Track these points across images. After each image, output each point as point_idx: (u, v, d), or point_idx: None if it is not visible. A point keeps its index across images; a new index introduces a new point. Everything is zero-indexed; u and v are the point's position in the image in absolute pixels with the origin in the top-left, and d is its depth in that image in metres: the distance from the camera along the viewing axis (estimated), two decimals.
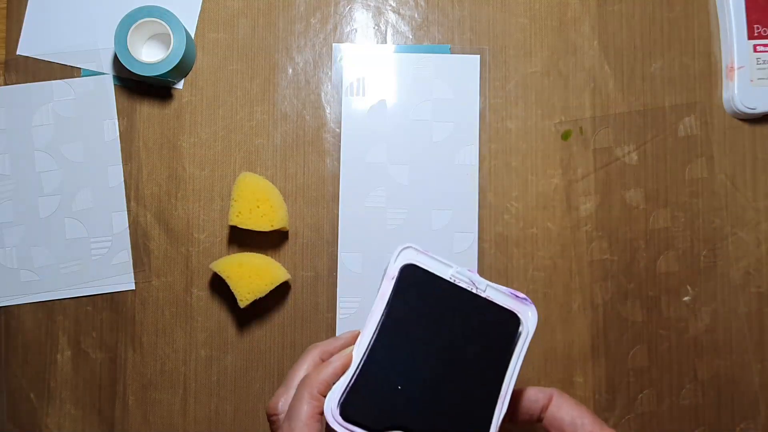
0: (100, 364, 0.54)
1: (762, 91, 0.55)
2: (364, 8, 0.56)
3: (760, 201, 0.56)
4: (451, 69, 0.56)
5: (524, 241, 0.55)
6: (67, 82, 0.55)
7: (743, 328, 0.55)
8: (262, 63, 0.56)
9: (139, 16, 0.52)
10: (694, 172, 0.56)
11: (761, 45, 0.55)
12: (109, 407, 0.54)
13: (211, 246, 0.55)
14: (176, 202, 0.55)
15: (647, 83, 0.56)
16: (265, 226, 0.51)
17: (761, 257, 0.55)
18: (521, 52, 0.56)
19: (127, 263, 0.55)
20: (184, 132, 0.55)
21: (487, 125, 0.55)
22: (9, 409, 0.54)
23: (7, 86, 0.55)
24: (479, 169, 0.55)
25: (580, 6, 0.56)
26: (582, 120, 0.56)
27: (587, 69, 0.56)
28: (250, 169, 0.55)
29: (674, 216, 0.55)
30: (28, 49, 0.56)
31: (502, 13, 0.56)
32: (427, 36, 0.56)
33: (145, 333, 0.54)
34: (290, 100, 0.56)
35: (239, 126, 0.55)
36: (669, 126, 0.56)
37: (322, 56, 0.56)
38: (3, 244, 0.55)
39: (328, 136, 0.55)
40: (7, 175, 0.55)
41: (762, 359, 0.55)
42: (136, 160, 0.55)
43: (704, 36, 0.56)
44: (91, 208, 0.55)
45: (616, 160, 0.56)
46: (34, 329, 0.55)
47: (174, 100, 0.56)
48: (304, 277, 0.55)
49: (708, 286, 0.55)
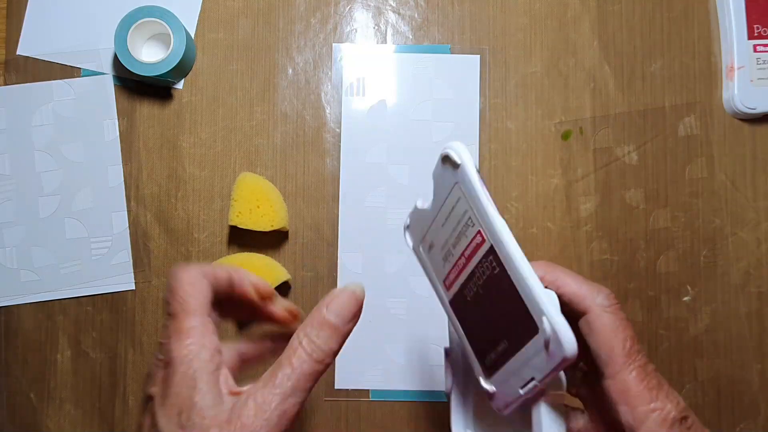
0: (100, 364, 0.54)
1: (762, 91, 0.55)
2: (364, 8, 0.56)
3: (760, 201, 0.56)
4: (451, 69, 0.56)
5: (524, 241, 0.55)
6: (67, 82, 0.55)
7: (743, 328, 0.55)
8: (262, 63, 0.56)
9: (139, 16, 0.52)
10: (694, 172, 0.56)
11: (761, 45, 0.55)
12: (109, 407, 0.54)
13: (211, 246, 0.55)
14: (176, 202, 0.55)
15: (647, 83, 0.56)
16: (265, 226, 0.51)
17: (761, 257, 0.55)
18: (521, 52, 0.56)
19: (127, 263, 0.55)
20: (184, 132, 0.55)
21: (487, 125, 0.55)
22: (9, 409, 0.54)
23: (7, 86, 0.55)
24: (479, 169, 0.55)
25: (580, 6, 0.56)
26: (582, 120, 0.56)
27: (587, 69, 0.56)
28: (250, 169, 0.55)
29: (674, 216, 0.55)
30: (28, 49, 0.56)
31: (502, 13, 0.56)
32: (427, 36, 0.56)
33: (145, 333, 0.54)
34: (290, 100, 0.56)
35: (239, 126, 0.55)
36: (669, 126, 0.56)
37: (322, 56, 0.56)
38: (3, 244, 0.55)
39: (328, 136, 0.55)
40: (7, 175, 0.55)
41: (762, 359, 0.55)
42: (136, 160, 0.55)
43: (704, 36, 0.56)
44: (91, 208, 0.55)
45: (616, 160, 0.55)
46: (34, 329, 0.55)
47: (174, 100, 0.56)
48: (304, 277, 0.55)
49: (708, 286, 0.55)
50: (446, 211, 0.32)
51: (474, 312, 0.33)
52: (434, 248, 0.35)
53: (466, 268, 0.32)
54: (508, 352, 0.30)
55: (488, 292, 0.31)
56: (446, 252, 0.33)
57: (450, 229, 0.32)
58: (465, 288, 0.33)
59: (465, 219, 0.31)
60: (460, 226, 0.31)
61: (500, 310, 0.30)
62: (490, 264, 0.30)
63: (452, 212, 0.32)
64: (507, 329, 0.30)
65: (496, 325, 0.31)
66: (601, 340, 0.32)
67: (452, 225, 0.32)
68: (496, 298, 0.30)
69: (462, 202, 0.31)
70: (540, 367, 0.28)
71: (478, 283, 0.31)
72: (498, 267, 0.30)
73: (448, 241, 0.33)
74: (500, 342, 0.31)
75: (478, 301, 0.32)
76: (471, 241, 0.31)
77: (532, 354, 0.29)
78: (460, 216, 0.31)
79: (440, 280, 0.35)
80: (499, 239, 0.29)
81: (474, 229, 0.31)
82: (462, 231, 0.31)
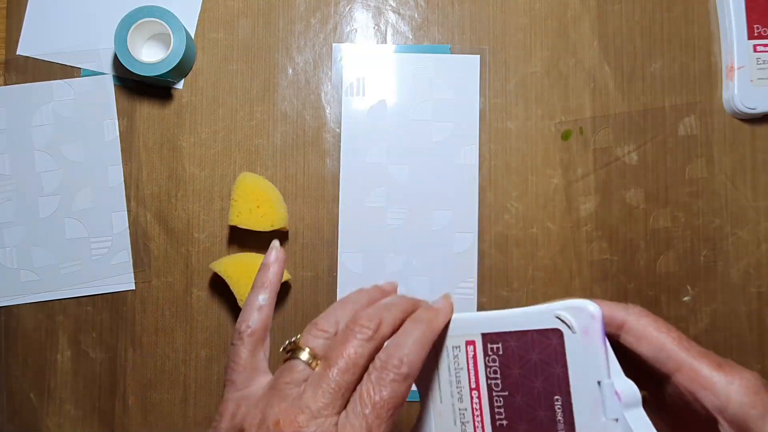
0: (100, 364, 0.54)
1: (762, 91, 0.54)
2: (364, 8, 0.56)
3: (760, 201, 0.56)
4: (451, 69, 0.56)
5: (524, 241, 0.55)
6: (67, 82, 0.55)
7: (743, 328, 0.55)
8: (262, 63, 0.56)
9: (139, 16, 0.52)
10: (694, 172, 0.56)
11: (761, 45, 0.55)
12: (109, 407, 0.54)
13: (211, 246, 0.55)
14: (176, 202, 0.55)
15: (647, 83, 0.56)
16: (265, 226, 0.51)
17: (761, 257, 0.55)
18: (521, 52, 0.56)
19: (127, 263, 0.55)
20: (184, 132, 0.55)
21: (487, 125, 0.55)
22: (9, 409, 0.54)
23: (7, 86, 0.55)
24: (479, 169, 0.55)
25: (580, 6, 0.56)
26: (582, 120, 0.56)
27: (587, 69, 0.56)
28: (250, 169, 0.55)
29: (674, 216, 0.55)
30: (28, 49, 0.56)
31: (502, 13, 0.56)
32: (427, 36, 0.56)
33: (145, 333, 0.54)
34: (290, 100, 0.56)
35: (239, 126, 0.55)
36: (669, 126, 0.56)
37: (322, 56, 0.56)
38: (3, 244, 0.55)
39: (328, 136, 0.55)
40: (7, 175, 0.55)
41: (762, 359, 0.55)
42: (136, 160, 0.55)
43: (704, 36, 0.56)
44: (91, 208, 0.55)
45: (616, 160, 0.55)
46: (34, 329, 0.55)
47: (174, 100, 0.56)
48: (304, 277, 0.55)
49: (708, 286, 0.55)
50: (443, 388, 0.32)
51: (515, 405, 0.31)
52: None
53: (481, 385, 0.31)
54: (566, 399, 0.28)
55: (505, 371, 0.30)
56: (457, 412, 0.32)
57: (448, 389, 0.32)
58: (493, 403, 0.31)
59: (453, 368, 0.32)
60: (453, 375, 0.32)
61: (526, 375, 0.29)
62: (491, 350, 0.30)
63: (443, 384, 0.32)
64: (547, 381, 0.29)
65: (539, 390, 0.29)
66: (652, 341, 0.31)
67: (447, 383, 0.32)
68: (514, 368, 0.30)
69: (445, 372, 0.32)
70: (595, 363, 0.27)
71: (496, 380, 0.31)
72: (497, 344, 0.30)
73: (454, 404, 0.32)
74: (553, 401, 0.29)
75: (506, 389, 0.31)
76: (467, 359, 0.31)
77: (582, 363, 0.27)
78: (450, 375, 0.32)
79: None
80: (467, 317, 0.31)
81: (460, 349, 0.31)
82: (456, 371, 0.32)
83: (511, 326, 0.30)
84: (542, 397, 0.29)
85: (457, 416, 0.32)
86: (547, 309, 0.28)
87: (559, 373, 0.28)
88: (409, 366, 0.28)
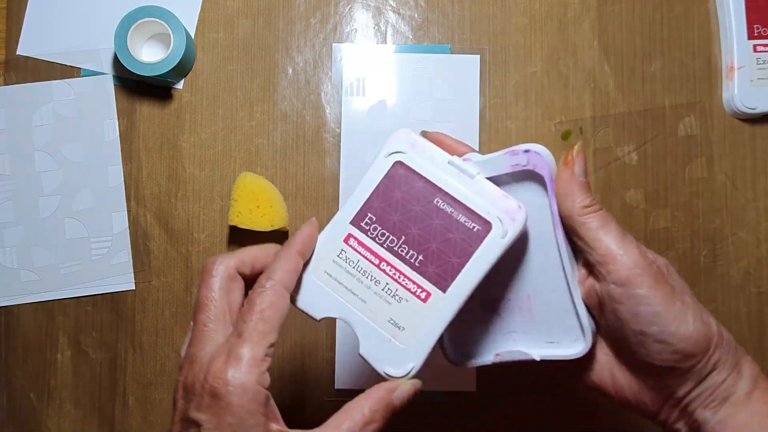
0: (100, 364, 0.54)
1: (762, 91, 0.55)
2: (364, 8, 0.56)
3: (760, 201, 0.56)
4: (451, 69, 0.56)
5: None
6: (67, 82, 0.55)
7: (743, 328, 0.55)
8: (262, 63, 0.56)
9: (139, 16, 0.52)
10: (694, 172, 0.56)
11: (761, 45, 0.55)
12: (109, 407, 0.54)
13: (211, 246, 0.55)
14: (176, 202, 0.55)
15: (647, 83, 0.56)
16: (265, 226, 0.51)
17: (761, 257, 0.55)
18: (521, 52, 0.56)
19: (127, 263, 0.55)
20: (184, 132, 0.55)
21: (487, 125, 0.55)
22: (9, 409, 0.54)
23: (7, 86, 0.55)
24: None
25: (580, 6, 0.56)
26: (582, 120, 0.56)
27: (587, 69, 0.56)
28: (250, 169, 0.55)
29: (674, 216, 0.55)
30: (28, 49, 0.56)
31: (502, 13, 0.56)
32: (427, 36, 0.56)
33: (145, 333, 0.54)
34: (290, 100, 0.56)
35: (239, 126, 0.55)
36: (669, 126, 0.56)
37: (322, 56, 0.56)
38: (3, 244, 0.55)
39: (328, 136, 0.56)
40: (7, 175, 0.55)
41: (762, 359, 0.55)
42: (136, 160, 0.55)
43: (704, 36, 0.56)
44: (91, 208, 0.55)
45: (616, 160, 0.56)
46: (34, 329, 0.55)
47: (174, 100, 0.56)
48: None
49: (708, 286, 0.55)
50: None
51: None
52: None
53: (381, 254, 0.34)
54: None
55: (388, 225, 0.34)
56: (383, 295, 0.35)
57: (361, 287, 0.35)
58: (400, 255, 0.34)
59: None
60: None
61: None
62: (366, 224, 0.35)
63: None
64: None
65: (419, 209, 0.34)
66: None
67: (358, 283, 0.35)
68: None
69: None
70: (431, 154, 0.35)
71: (388, 236, 0.34)
72: (366, 216, 0.34)
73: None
74: (435, 204, 0.34)
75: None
76: (356, 250, 0.35)
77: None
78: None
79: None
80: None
81: (345, 250, 0.35)
82: (356, 268, 0.34)
83: (365, 195, 0.34)
84: (426, 210, 0.34)
85: (385, 296, 0.34)
86: (378, 156, 0.35)
87: (420, 186, 0.34)
88: (271, 272, 0.31)
